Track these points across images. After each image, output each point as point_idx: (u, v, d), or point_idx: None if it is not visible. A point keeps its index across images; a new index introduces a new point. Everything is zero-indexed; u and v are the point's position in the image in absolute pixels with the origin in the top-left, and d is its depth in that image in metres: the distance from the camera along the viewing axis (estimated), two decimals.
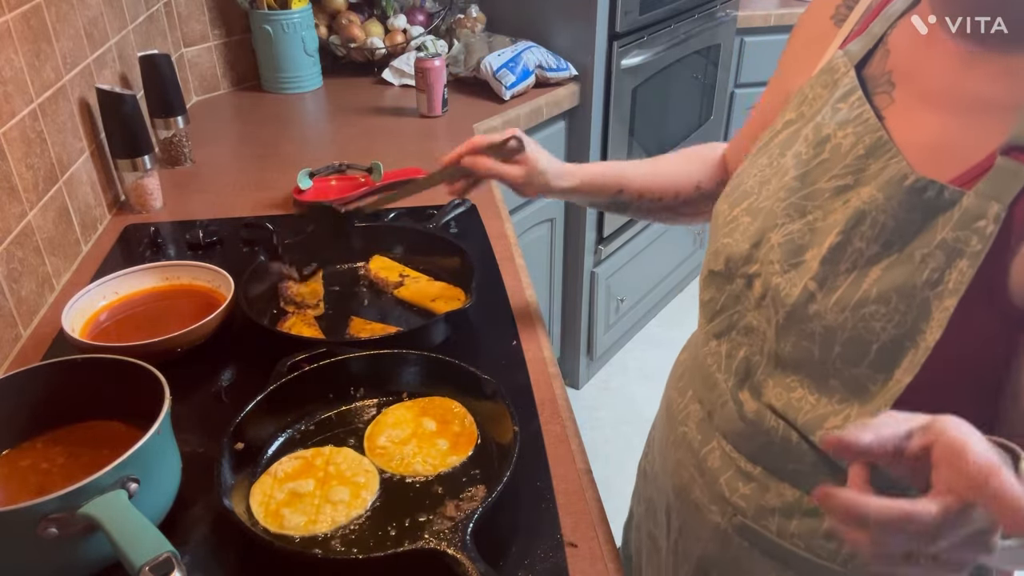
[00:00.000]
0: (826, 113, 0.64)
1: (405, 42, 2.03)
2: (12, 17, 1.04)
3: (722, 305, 0.71)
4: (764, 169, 0.69)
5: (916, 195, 0.56)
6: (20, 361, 0.98)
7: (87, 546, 0.64)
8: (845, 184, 0.61)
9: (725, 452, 0.73)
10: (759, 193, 0.68)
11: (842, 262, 0.59)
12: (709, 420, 0.75)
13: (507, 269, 1.15)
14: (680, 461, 0.80)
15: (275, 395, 0.82)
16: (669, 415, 0.84)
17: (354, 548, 0.69)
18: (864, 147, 0.60)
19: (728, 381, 0.71)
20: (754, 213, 0.67)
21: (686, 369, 0.81)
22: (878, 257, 0.58)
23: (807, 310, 0.60)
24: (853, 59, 0.64)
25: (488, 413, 0.82)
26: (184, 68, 1.85)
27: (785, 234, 0.63)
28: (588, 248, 2.28)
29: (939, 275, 0.54)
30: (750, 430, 0.69)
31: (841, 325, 0.59)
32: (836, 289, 0.59)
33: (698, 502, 0.76)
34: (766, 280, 0.64)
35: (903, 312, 0.56)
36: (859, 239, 0.59)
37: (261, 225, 1.25)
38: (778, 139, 0.69)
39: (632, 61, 2.09)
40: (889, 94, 0.62)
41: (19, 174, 1.03)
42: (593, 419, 2.46)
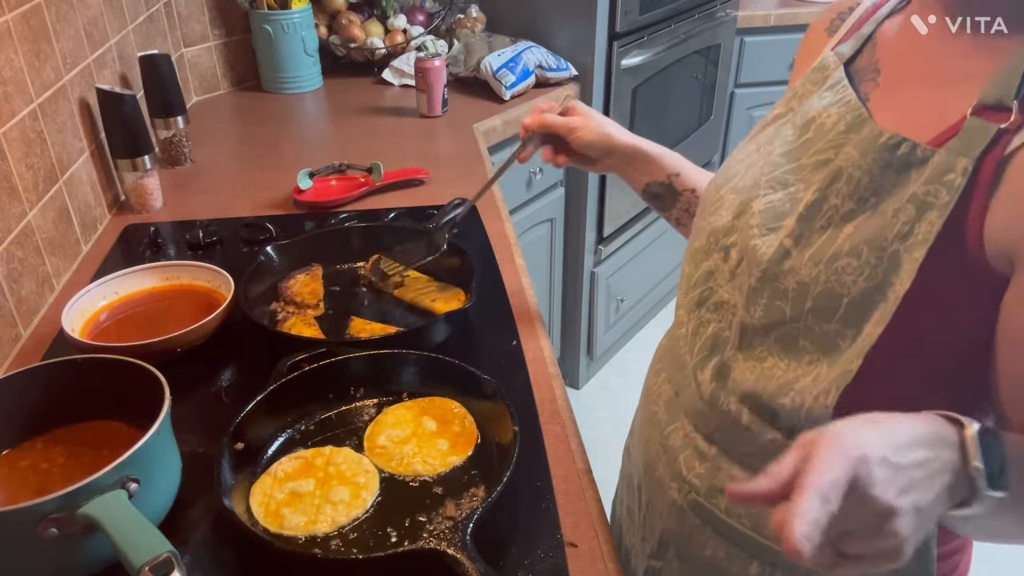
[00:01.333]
0: (813, 101, 0.67)
1: (405, 42, 2.03)
2: (12, 17, 1.04)
3: (695, 280, 0.74)
4: (751, 155, 0.72)
5: (890, 152, 0.59)
6: (20, 361, 0.98)
7: (87, 546, 0.64)
8: (826, 158, 0.63)
9: (687, 432, 0.75)
10: (744, 174, 0.70)
11: (818, 219, 0.62)
12: (676, 400, 0.77)
13: (507, 269, 1.15)
14: (649, 438, 0.82)
15: (275, 395, 0.82)
16: (645, 394, 0.86)
17: (354, 548, 0.69)
18: (845, 124, 0.63)
19: (692, 360, 0.73)
20: (739, 190, 0.70)
21: (664, 351, 0.84)
22: (852, 214, 0.60)
23: (782, 266, 0.63)
24: (842, 58, 0.68)
25: (488, 413, 0.82)
26: (184, 68, 1.85)
27: (766, 202, 0.66)
28: (588, 248, 2.28)
29: (909, 228, 0.56)
30: (707, 410, 0.72)
31: (814, 279, 0.61)
32: (811, 245, 0.62)
33: (661, 479, 0.79)
34: (743, 245, 0.67)
35: (874, 265, 0.58)
36: (835, 196, 0.61)
37: (261, 225, 1.25)
38: (767, 129, 0.72)
39: (632, 61, 2.09)
40: (874, 80, 0.66)
41: (19, 174, 1.03)
42: (593, 419, 2.46)
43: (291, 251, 1.12)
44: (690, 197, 0.91)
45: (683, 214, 0.93)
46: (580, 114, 0.94)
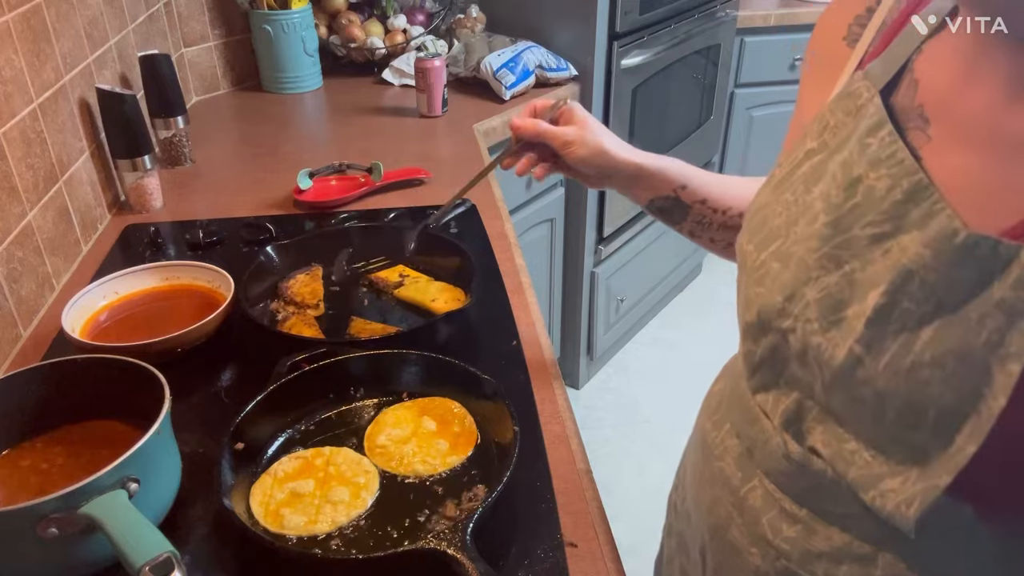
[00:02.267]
0: (853, 148, 0.59)
1: (405, 42, 2.03)
2: (12, 17, 1.04)
3: (761, 358, 0.66)
4: (790, 207, 0.63)
5: (967, 252, 0.50)
6: (20, 361, 0.98)
7: (87, 546, 0.64)
8: (883, 232, 0.54)
9: (768, 491, 0.67)
10: (787, 235, 0.62)
11: (890, 323, 0.54)
12: (749, 456, 0.69)
13: (507, 269, 1.15)
14: (716, 498, 0.74)
15: (275, 395, 0.82)
16: (704, 449, 0.77)
17: (354, 548, 0.69)
18: (902, 191, 0.54)
19: (774, 419, 0.65)
20: (784, 259, 0.62)
21: (723, 400, 0.75)
22: (930, 317, 0.53)
23: (855, 375, 0.55)
24: (877, 83, 0.58)
25: (488, 413, 0.82)
26: (184, 68, 1.85)
27: (821, 288, 0.57)
28: (588, 248, 2.28)
29: (999, 336, 0.49)
30: (795, 470, 0.64)
31: (894, 390, 0.53)
32: (885, 352, 0.54)
33: (736, 543, 0.70)
34: (804, 338, 0.59)
35: (961, 376, 0.51)
36: (907, 300, 0.53)
37: (261, 225, 1.25)
38: (801, 171, 0.63)
39: (632, 61, 2.09)
40: (924, 131, 0.55)
41: (19, 174, 1.03)
42: (593, 419, 2.46)
43: (291, 251, 1.12)
44: (701, 209, 0.84)
45: (695, 226, 0.86)
46: (576, 122, 0.85)
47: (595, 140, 0.84)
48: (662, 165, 0.84)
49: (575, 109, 0.87)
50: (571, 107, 0.87)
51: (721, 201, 0.84)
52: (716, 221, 0.85)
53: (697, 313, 2.93)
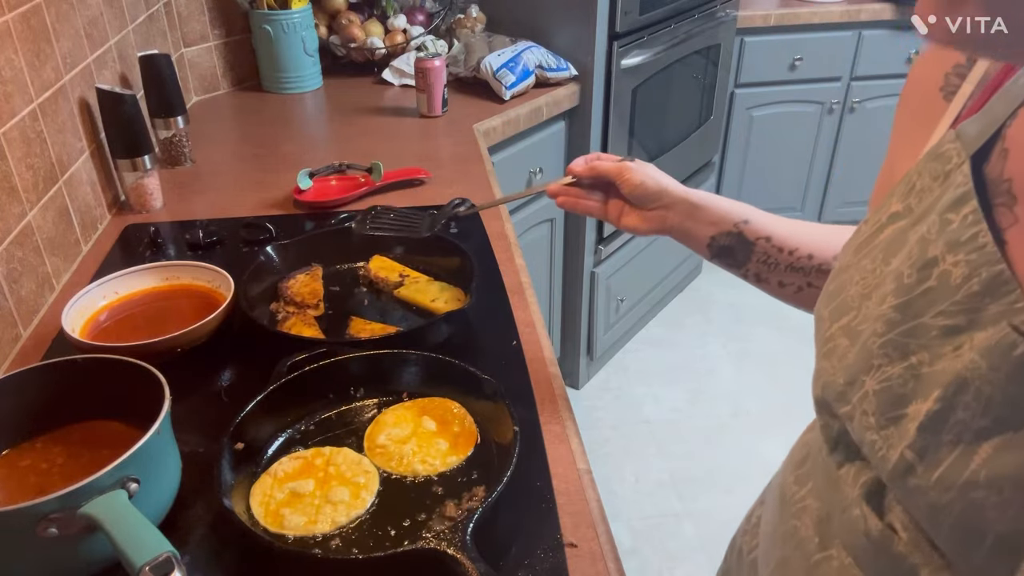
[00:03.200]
0: (933, 223, 0.53)
1: (405, 42, 2.03)
2: (12, 17, 1.04)
3: (837, 433, 0.61)
4: (867, 276, 0.58)
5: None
6: (20, 361, 0.98)
7: (87, 546, 0.64)
8: (956, 325, 0.50)
9: (844, 565, 0.61)
10: (859, 309, 0.57)
11: (944, 432, 0.49)
12: (827, 522, 0.64)
13: (507, 269, 1.15)
14: (786, 559, 0.68)
15: (275, 395, 0.82)
16: (782, 503, 0.71)
17: (354, 548, 0.69)
18: (979, 283, 0.49)
19: (854, 490, 0.60)
20: (852, 336, 0.57)
21: (809, 455, 0.69)
22: (988, 432, 0.47)
23: (907, 482, 0.51)
24: (968, 147, 0.53)
25: (488, 413, 0.82)
26: (184, 68, 1.85)
27: (881, 379, 0.53)
28: (588, 248, 2.28)
29: None
30: (874, 548, 0.58)
31: (948, 506, 0.49)
32: (939, 464, 0.49)
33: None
34: (860, 432, 0.55)
35: (1020, 505, 0.46)
36: (962, 409, 0.48)
37: (261, 225, 1.25)
38: (882, 237, 0.58)
39: (632, 61, 2.09)
40: (1011, 209, 0.50)
41: (19, 174, 1.03)
42: (593, 419, 2.46)
43: (291, 251, 1.12)
44: (766, 246, 0.79)
45: (761, 267, 0.80)
46: (640, 165, 0.84)
47: (653, 172, 0.82)
48: (721, 201, 0.81)
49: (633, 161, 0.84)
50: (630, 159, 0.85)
51: (788, 240, 0.79)
52: (783, 262, 0.79)
53: (697, 313, 2.93)
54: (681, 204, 0.81)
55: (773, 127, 2.87)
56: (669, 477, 2.21)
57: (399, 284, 1.09)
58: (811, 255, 0.78)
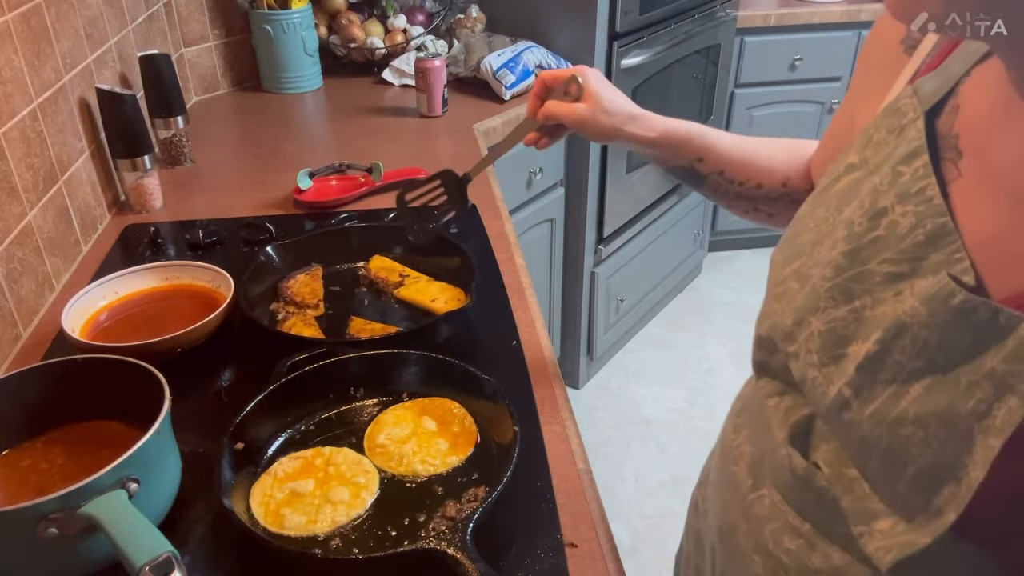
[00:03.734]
0: (886, 175, 0.55)
1: (405, 42, 2.03)
2: (12, 17, 1.04)
3: (776, 370, 0.66)
4: (820, 224, 0.61)
5: (965, 316, 0.48)
6: (20, 361, 0.98)
7: (87, 546, 0.64)
8: (899, 272, 0.53)
9: (774, 502, 0.66)
10: (811, 255, 0.61)
11: (880, 372, 0.53)
12: (760, 464, 0.68)
13: (507, 269, 1.15)
14: (727, 502, 0.73)
15: (275, 395, 0.82)
16: (722, 450, 0.77)
17: (354, 548, 0.69)
18: (924, 233, 0.52)
19: (781, 432, 0.65)
20: (802, 280, 0.61)
21: (745, 406, 0.74)
22: (920, 373, 0.51)
23: (841, 417, 0.55)
24: (924, 103, 0.55)
25: (488, 413, 0.82)
26: (184, 68, 1.85)
27: (827, 321, 0.56)
28: (588, 248, 2.28)
29: (986, 407, 0.47)
30: (799, 484, 0.62)
31: (877, 440, 0.53)
32: (873, 400, 0.53)
33: (741, 548, 0.70)
34: (803, 370, 0.59)
35: (942, 440, 0.50)
36: (899, 352, 0.51)
37: (261, 225, 1.25)
38: (838, 187, 0.62)
39: (632, 61, 2.09)
40: (955, 164, 0.52)
41: (19, 174, 1.03)
42: (593, 419, 2.46)
43: (291, 251, 1.13)
44: (717, 179, 0.84)
45: (712, 193, 0.86)
46: (588, 98, 0.83)
47: (607, 120, 0.83)
48: (681, 137, 0.83)
49: (588, 83, 0.84)
50: (584, 80, 0.84)
51: (739, 172, 0.83)
52: (732, 191, 0.85)
53: (697, 313, 2.93)
54: (637, 148, 0.85)
55: (773, 127, 2.87)
56: (669, 477, 2.21)
57: (399, 284, 1.09)
58: (760, 184, 0.83)
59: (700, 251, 3.02)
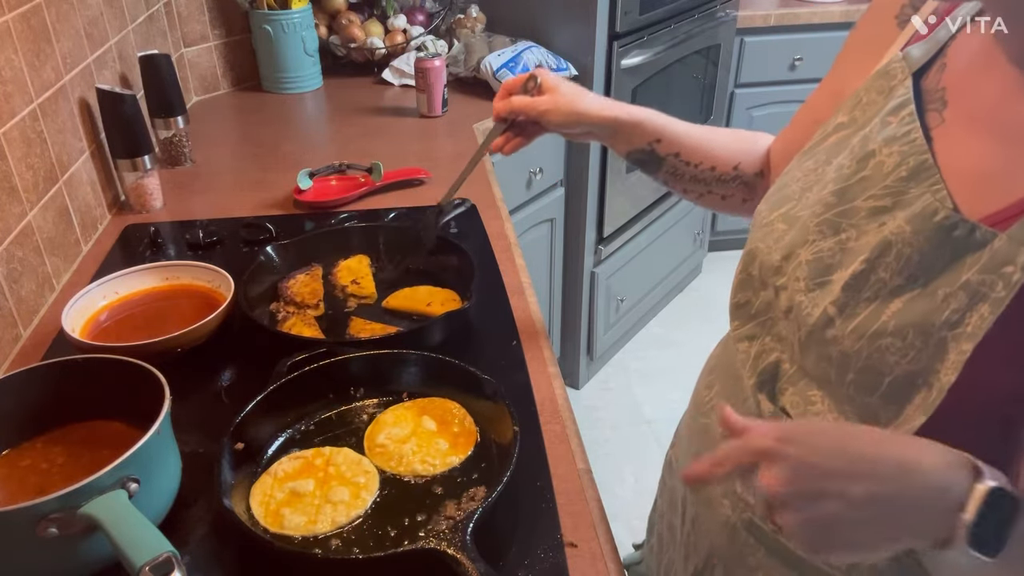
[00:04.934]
0: (875, 125, 0.61)
1: (405, 42, 2.03)
2: (12, 17, 1.04)
3: (757, 309, 0.70)
4: (808, 174, 0.66)
5: (945, 232, 0.54)
6: (20, 361, 0.98)
7: (87, 546, 0.64)
8: (883, 206, 0.58)
9: None
10: (799, 200, 0.66)
11: (864, 290, 0.58)
12: None
13: (507, 269, 1.15)
14: (699, 453, 0.79)
15: (275, 395, 0.82)
16: (695, 406, 0.83)
17: (354, 548, 0.69)
18: (907, 169, 0.57)
19: (750, 379, 0.70)
20: (790, 221, 0.65)
21: (717, 363, 0.80)
22: (901, 289, 0.56)
23: (825, 333, 0.60)
24: (912, 65, 0.61)
25: (488, 413, 0.82)
26: (184, 68, 1.85)
27: (815, 252, 0.62)
28: (588, 248, 2.28)
29: (959, 316, 0.52)
30: None
31: (856, 353, 0.58)
32: (855, 316, 0.58)
33: (711, 495, 0.76)
34: (791, 296, 0.63)
35: (918, 349, 0.54)
36: (883, 269, 0.57)
37: (261, 225, 1.25)
38: (827, 143, 0.67)
39: (632, 61, 2.09)
40: (940, 112, 0.59)
41: (19, 174, 1.03)
42: (593, 419, 2.46)
43: (291, 251, 1.12)
44: (674, 161, 0.88)
45: (669, 177, 0.90)
46: (548, 90, 0.88)
47: (568, 104, 0.87)
48: (639, 118, 0.87)
49: (546, 79, 0.89)
50: (542, 78, 0.89)
51: (694, 155, 0.88)
52: (688, 173, 0.88)
53: (697, 313, 2.93)
54: (600, 128, 0.88)
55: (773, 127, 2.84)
56: None
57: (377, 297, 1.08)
58: (713, 167, 0.87)
59: (700, 251, 3.02)
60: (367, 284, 1.09)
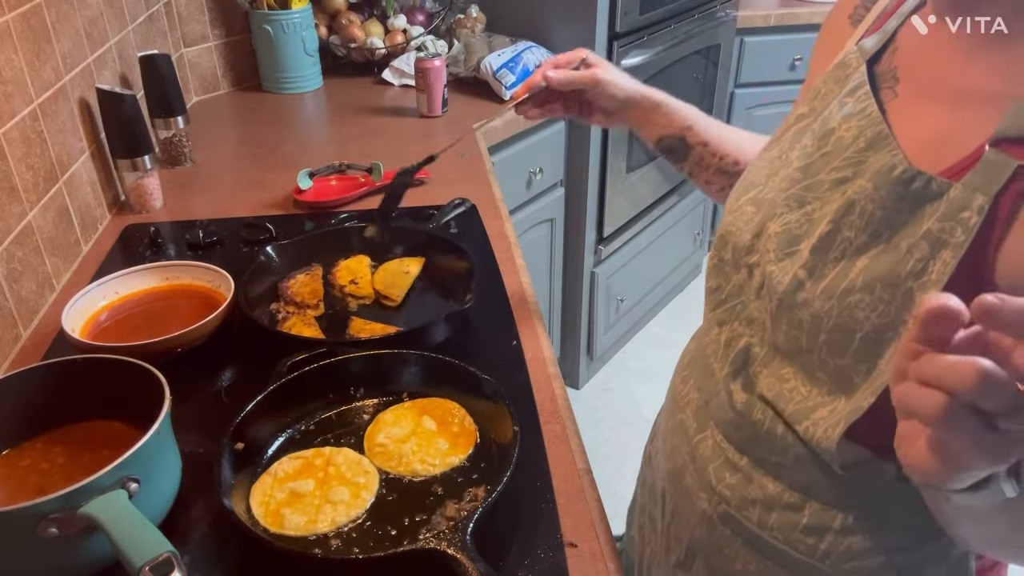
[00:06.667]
0: (834, 107, 0.65)
1: (405, 42, 2.03)
2: (12, 17, 1.04)
3: (728, 294, 0.73)
4: (773, 161, 0.70)
5: (904, 186, 0.57)
6: (20, 361, 0.98)
7: (87, 546, 0.64)
8: (844, 176, 0.62)
9: (716, 441, 0.74)
10: (765, 184, 0.69)
11: (831, 251, 0.61)
12: (705, 408, 0.76)
13: (507, 269, 1.15)
14: (676, 447, 0.81)
15: (275, 395, 0.82)
16: (672, 401, 0.85)
17: (354, 548, 0.69)
18: (865, 140, 0.61)
19: (723, 370, 0.72)
20: (758, 204, 0.69)
21: (692, 358, 0.83)
22: (866, 246, 0.59)
23: (796, 298, 0.62)
24: (865, 55, 0.65)
25: (488, 413, 0.82)
26: (184, 68, 1.85)
27: (783, 224, 0.65)
28: (588, 248, 2.28)
29: (923, 265, 0.55)
30: (739, 420, 0.70)
31: (827, 313, 0.60)
32: (824, 277, 0.61)
33: (689, 488, 0.78)
34: (763, 269, 0.66)
35: (887, 302, 0.56)
36: (848, 228, 0.60)
37: (261, 225, 1.25)
38: (789, 133, 0.71)
39: (632, 61, 2.09)
40: (893, 88, 0.63)
41: (19, 174, 1.03)
42: (593, 419, 2.46)
43: (291, 251, 1.13)
44: (702, 151, 0.93)
45: (695, 167, 0.94)
46: (599, 65, 0.94)
47: (620, 76, 0.94)
48: (676, 104, 0.94)
49: (593, 56, 0.95)
50: (589, 56, 0.95)
51: (720, 147, 0.93)
52: (712, 165, 0.93)
53: (697, 313, 2.91)
54: (640, 107, 0.94)
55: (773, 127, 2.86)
56: None
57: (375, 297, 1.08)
58: (736, 161, 0.92)
59: (700, 251, 3.02)
60: (366, 284, 1.09)
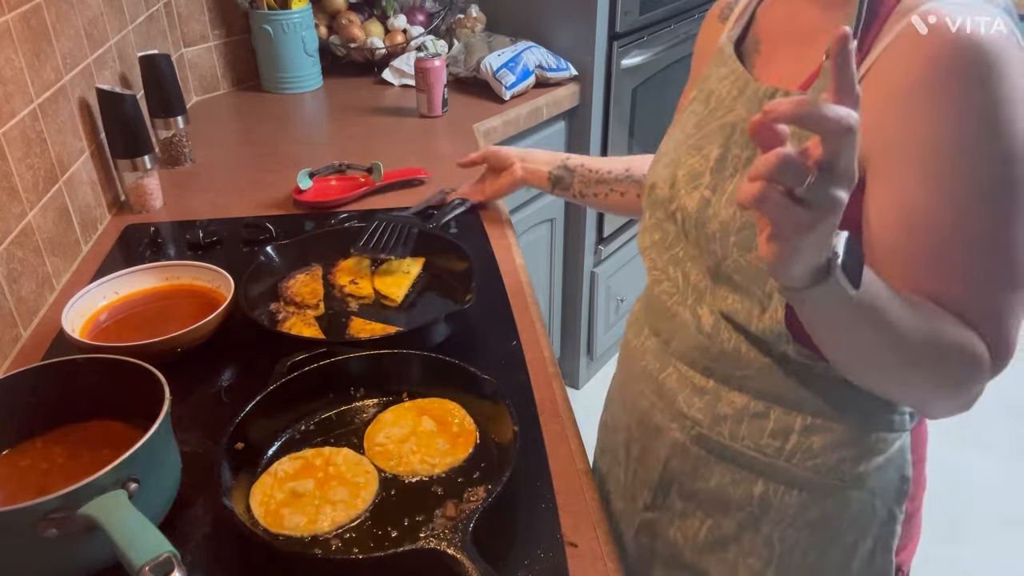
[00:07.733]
0: (713, 77, 0.80)
1: (405, 42, 2.03)
2: (12, 17, 1.04)
3: (669, 243, 0.82)
4: (675, 135, 0.83)
5: (768, 99, 0.70)
6: (20, 361, 0.98)
7: (87, 546, 0.64)
8: (727, 121, 0.75)
9: (681, 373, 0.82)
10: (671, 153, 0.81)
11: (727, 168, 0.73)
12: (666, 347, 0.84)
13: (507, 269, 1.15)
14: (640, 392, 0.88)
15: (275, 395, 0.82)
16: (628, 356, 0.93)
17: (354, 548, 0.69)
18: (736, 89, 0.75)
19: (687, 300, 0.80)
20: (668, 164, 0.81)
21: (640, 313, 0.91)
22: (751, 158, 0.70)
23: (706, 213, 0.73)
24: (732, 39, 0.80)
25: (488, 413, 0.82)
26: (184, 68, 1.85)
27: (687, 168, 0.77)
28: (588, 248, 2.28)
29: None
30: (707, 343, 0.78)
31: (732, 217, 0.70)
32: (725, 191, 0.72)
33: (658, 424, 0.85)
34: (679, 205, 0.77)
35: None
36: (736, 147, 0.73)
37: (261, 225, 1.25)
38: (685, 113, 0.83)
39: (632, 61, 2.09)
40: (757, 50, 0.78)
41: (19, 174, 1.03)
42: (593, 419, 2.45)
43: (291, 251, 1.12)
44: (582, 170, 1.15)
45: (581, 185, 1.15)
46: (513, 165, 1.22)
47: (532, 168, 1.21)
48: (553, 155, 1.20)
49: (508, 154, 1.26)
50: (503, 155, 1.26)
51: (596, 164, 1.15)
52: (592, 177, 1.14)
53: None
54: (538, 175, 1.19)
55: None
56: None
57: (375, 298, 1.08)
58: (610, 171, 1.12)
59: None
60: (366, 284, 1.09)
